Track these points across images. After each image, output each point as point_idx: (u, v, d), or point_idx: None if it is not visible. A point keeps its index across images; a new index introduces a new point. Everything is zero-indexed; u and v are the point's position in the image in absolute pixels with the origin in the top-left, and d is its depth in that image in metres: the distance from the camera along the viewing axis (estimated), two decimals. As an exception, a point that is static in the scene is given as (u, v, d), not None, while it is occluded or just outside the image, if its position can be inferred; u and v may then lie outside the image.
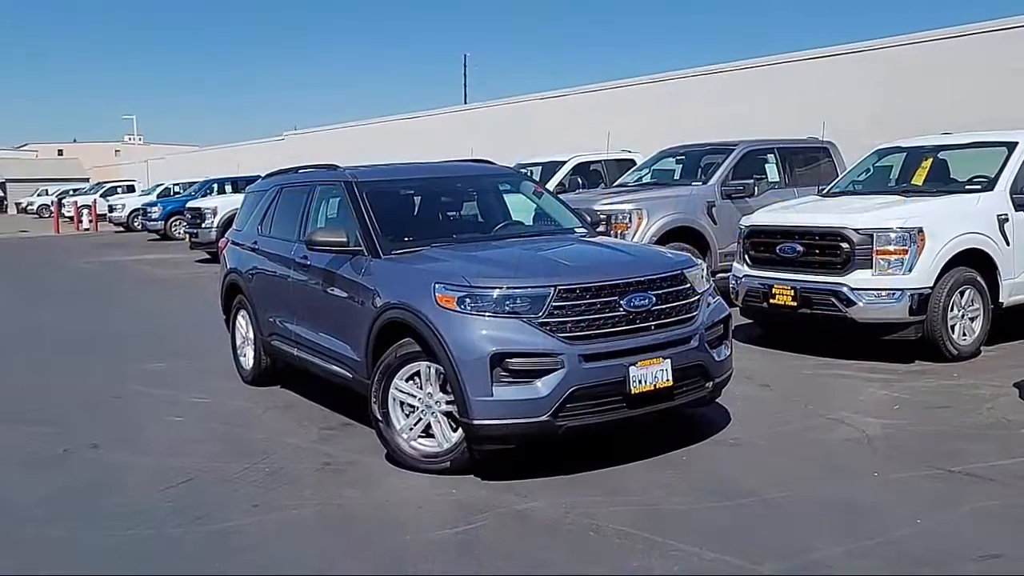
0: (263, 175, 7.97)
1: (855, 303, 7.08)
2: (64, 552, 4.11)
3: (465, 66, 76.63)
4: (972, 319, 7.28)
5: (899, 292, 6.99)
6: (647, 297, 4.89)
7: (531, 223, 6.56)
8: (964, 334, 7.23)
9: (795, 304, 7.46)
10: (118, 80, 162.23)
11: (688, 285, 5.14)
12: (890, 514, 4.16)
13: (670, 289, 5.03)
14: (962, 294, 7.20)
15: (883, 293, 7.03)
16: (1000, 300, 7.44)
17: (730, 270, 8.50)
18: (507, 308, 4.68)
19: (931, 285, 7.02)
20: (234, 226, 7.95)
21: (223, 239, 8.17)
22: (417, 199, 6.48)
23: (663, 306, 4.95)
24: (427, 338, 4.79)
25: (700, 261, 5.59)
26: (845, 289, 7.12)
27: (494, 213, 6.54)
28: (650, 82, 19.50)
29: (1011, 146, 7.83)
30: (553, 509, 4.36)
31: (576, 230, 6.26)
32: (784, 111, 15.15)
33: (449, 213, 6.62)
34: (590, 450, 5.05)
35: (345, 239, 5.58)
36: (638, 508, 4.35)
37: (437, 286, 4.83)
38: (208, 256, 18.39)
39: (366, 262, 5.48)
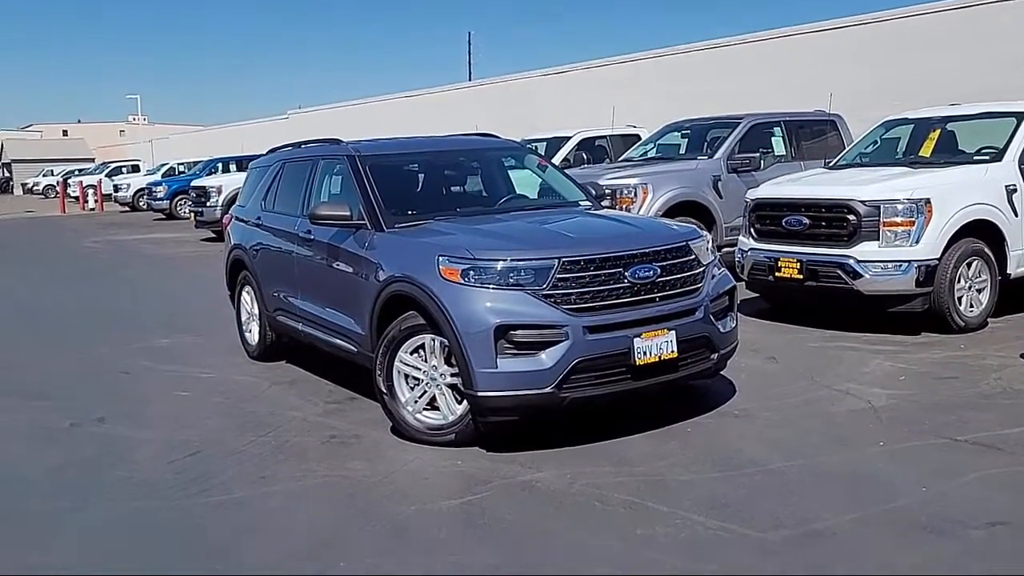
0: (266, 151, 7.94)
1: (861, 275, 7.05)
2: (70, 524, 4.13)
3: (470, 43, 76.15)
4: (979, 290, 7.25)
5: (906, 264, 6.95)
6: (652, 269, 4.87)
7: (535, 196, 6.53)
8: (971, 306, 7.20)
9: (801, 277, 7.43)
10: (122, 60, 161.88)
11: (693, 257, 5.11)
12: (896, 483, 4.16)
13: (675, 261, 5.00)
14: (969, 265, 7.16)
15: (890, 265, 6.99)
16: (1008, 271, 7.40)
17: (736, 244, 8.46)
18: (511, 280, 4.67)
19: (938, 257, 6.98)
20: (238, 202, 7.94)
21: (227, 216, 8.16)
22: (420, 173, 6.44)
23: (668, 278, 4.93)
24: (431, 311, 4.79)
25: (705, 233, 5.56)
26: (851, 261, 7.08)
27: (498, 186, 6.51)
28: (655, 56, 19.35)
29: (1020, 116, 7.76)
30: (558, 480, 4.37)
31: (581, 203, 6.23)
32: (790, 84, 15.02)
33: (453, 187, 6.59)
34: (595, 422, 5.05)
35: (348, 213, 5.55)
36: (643, 478, 4.36)
37: (441, 259, 4.81)
38: (213, 235, 18.40)
39: (369, 236, 5.46)
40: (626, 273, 4.79)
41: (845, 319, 7.51)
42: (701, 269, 5.14)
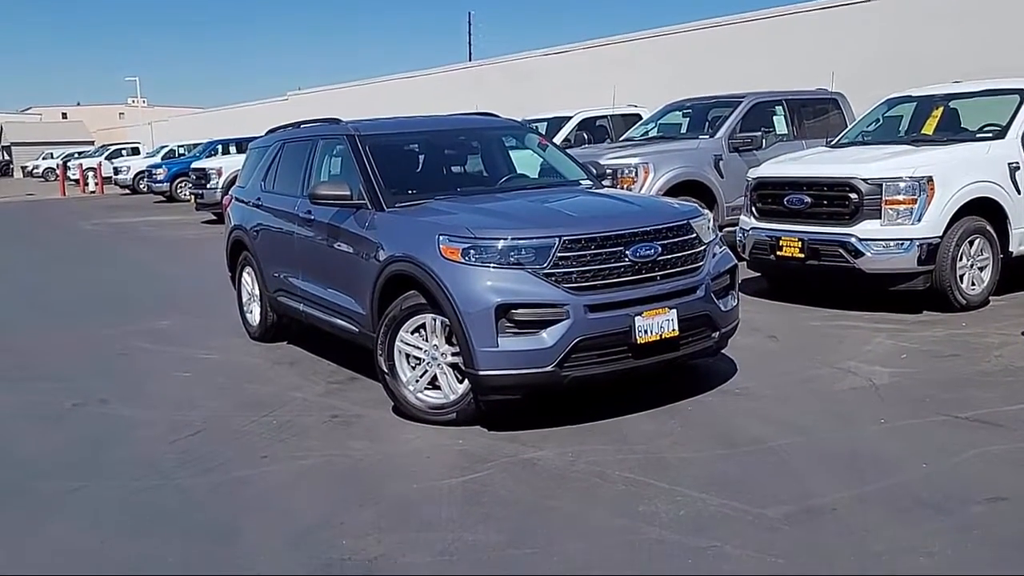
0: (265, 132, 7.90)
1: (863, 254, 7.03)
2: (72, 503, 4.15)
3: (470, 24, 75.89)
4: (981, 269, 7.23)
5: (908, 242, 6.93)
6: (653, 247, 4.86)
7: (536, 176, 6.50)
8: (973, 284, 7.18)
9: (803, 256, 7.41)
10: (121, 42, 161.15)
11: (694, 235, 5.10)
12: (897, 459, 4.16)
13: (676, 239, 4.99)
14: (971, 243, 7.14)
15: (892, 243, 6.97)
16: (1010, 249, 7.37)
17: (737, 224, 8.43)
18: (512, 259, 4.66)
19: (940, 235, 6.96)
20: (237, 183, 7.91)
21: (227, 197, 8.14)
22: (421, 152, 6.41)
23: (669, 256, 4.92)
24: (432, 290, 4.78)
25: (706, 211, 5.54)
26: (853, 240, 7.06)
27: (498, 166, 6.49)
28: (657, 36, 19.24)
29: (1023, 93, 7.70)
30: (559, 458, 4.38)
31: (582, 182, 6.21)
32: (792, 64, 14.93)
33: (453, 166, 6.56)
34: (596, 401, 5.05)
35: (348, 192, 5.53)
36: (644, 456, 4.36)
37: (441, 238, 4.80)
38: (214, 217, 18.36)
39: (370, 215, 5.45)
40: (627, 251, 4.77)
41: (846, 298, 7.49)
42: (702, 248, 5.13)
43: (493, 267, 4.65)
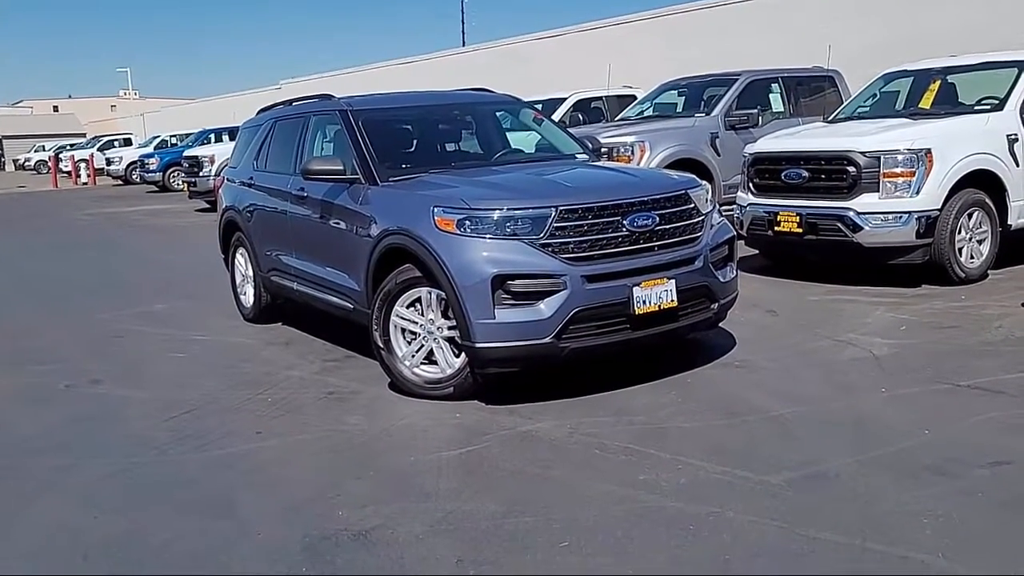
0: (257, 112, 7.81)
1: (862, 227, 6.97)
2: (65, 480, 4.09)
3: (463, 9, 75.60)
4: (980, 241, 7.17)
5: (906, 215, 6.87)
6: (650, 217, 4.80)
7: (532, 150, 6.43)
8: (972, 257, 7.13)
9: (801, 231, 7.34)
10: (111, 34, 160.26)
11: (692, 205, 5.04)
12: (899, 427, 4.12)
13: (674, 209, 4.93)
14: (970, 216, 7.08)
15: (890, 216, 6.91)
16: (1008, 222, 7.32)
17: (734, 202, 8.36)
18: (508, 230, 4.59)
19: (939, 207, 6.90)
20: (229, 163, 7.83)
21: (219, 177, 8.06)
22: (414, 126, 6.34)
23: (667, 226, 4.86)
24: (427, 263, 4.71)
25: (704, 182, 5.47)
26: (851, 214, 7.00)
27: (493, 140, 6.41)
28: (652, 17, 19.11)
29: (1021, 65, 7.64)
30: (558, 430, 4.33)
31: (578, 155, 6.14)
32: (791, 43, 14.80)
33: (447, 140, 6.48)
34: (595, 374, 5.00)
35: (341, 167, 5.46)
36: (644, 427, 4.32)
37: (436, 210, 4.73)
38: (207, 205, 18.23)
39: (363, 190, 5.38)
40: (624, 221, 4.71)
41: (845, 273, 7.44)
42: (700, 218, 5.07)
43: (489, 238, 4.59)
